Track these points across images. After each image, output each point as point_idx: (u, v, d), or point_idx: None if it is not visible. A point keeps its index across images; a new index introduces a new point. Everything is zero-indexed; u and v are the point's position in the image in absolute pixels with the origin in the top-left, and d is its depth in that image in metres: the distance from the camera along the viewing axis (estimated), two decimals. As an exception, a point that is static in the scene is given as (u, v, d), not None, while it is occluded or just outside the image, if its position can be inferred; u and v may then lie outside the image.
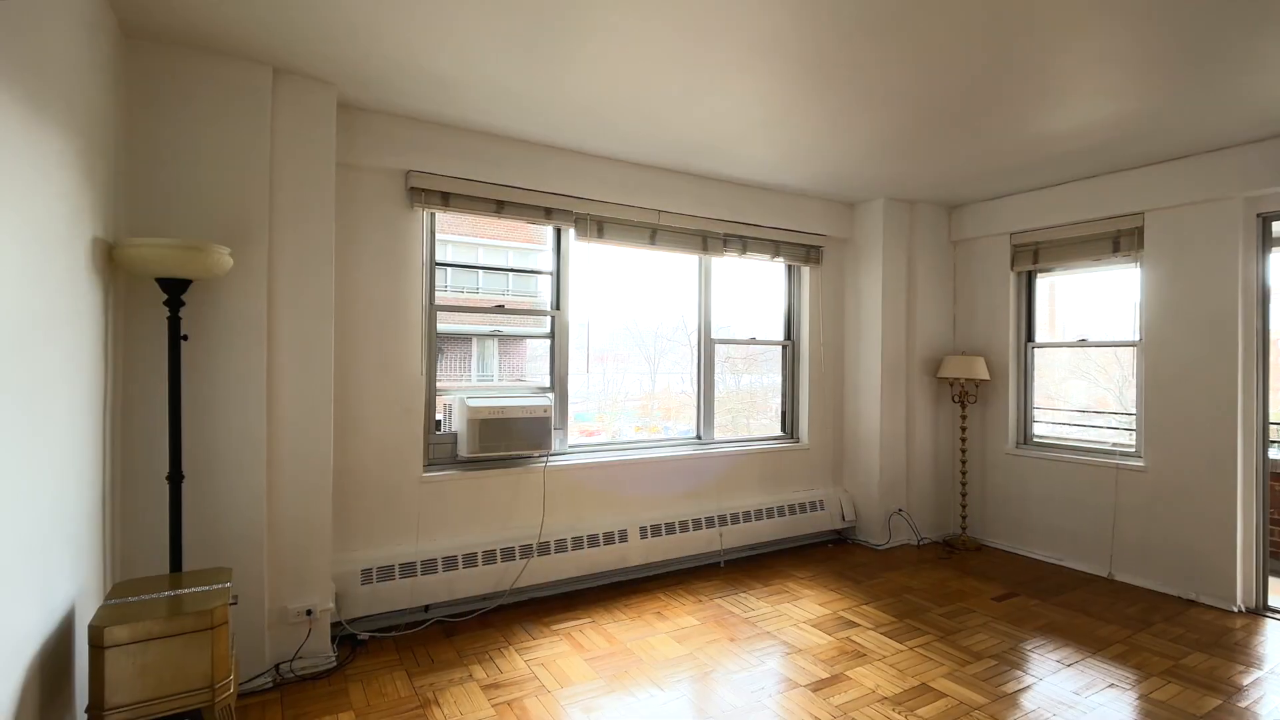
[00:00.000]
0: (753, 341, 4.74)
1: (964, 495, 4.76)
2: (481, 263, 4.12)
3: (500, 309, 3.75)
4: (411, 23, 2.31)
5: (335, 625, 2.98)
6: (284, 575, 2.72)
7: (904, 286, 4.80)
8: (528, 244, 4.11)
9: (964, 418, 4.78)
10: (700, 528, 4.09)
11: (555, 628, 3.23)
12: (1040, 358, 4.68)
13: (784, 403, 4.90)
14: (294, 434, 2.73)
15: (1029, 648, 3.08)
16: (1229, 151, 3.52)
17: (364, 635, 3.05)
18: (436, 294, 3.47)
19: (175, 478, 2.27)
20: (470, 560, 3.32)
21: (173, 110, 2.45)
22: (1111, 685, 2.73)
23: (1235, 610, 3.52)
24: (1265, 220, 3.55)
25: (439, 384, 3.53)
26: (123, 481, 2.36)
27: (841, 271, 4.97)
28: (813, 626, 3.30)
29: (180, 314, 2.28)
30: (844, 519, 4.73)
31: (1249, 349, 3.55)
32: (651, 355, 4.55)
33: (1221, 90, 2.79)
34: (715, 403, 4.51)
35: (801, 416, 4.83)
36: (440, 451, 3.45)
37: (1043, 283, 4.78)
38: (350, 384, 3.14)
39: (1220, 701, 2.60)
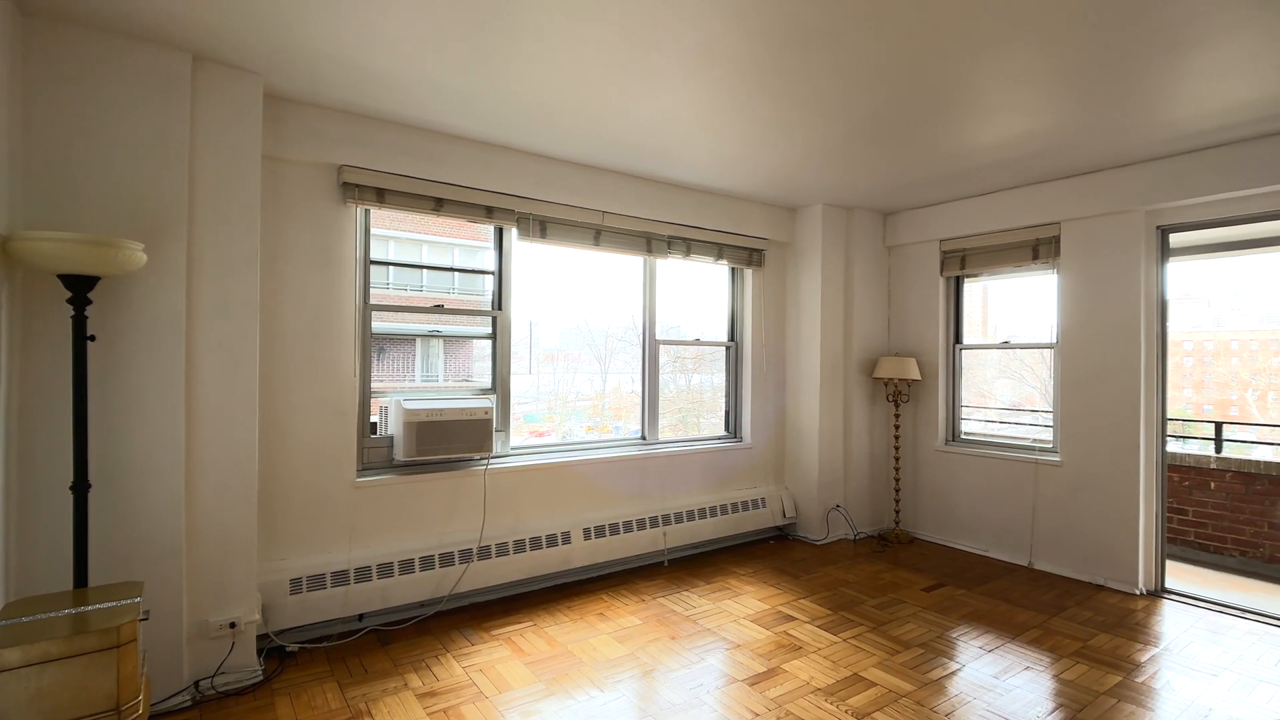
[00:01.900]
0: (697, 343, 4.80)
1: (897, 491, 4.95)
2: (426, 260, 4.02)
3: (439, 308, 3.67)
4: (337, 15, 2.23)
5: (262, 637, 2.86)
6: (205, 587, 2.59)
7: (842, 290, 4.95)
8: (474, 241, 4.03)
9: (897, 416, 4.97)
10: (644, 528, 4.12)
11: (495, 632, 3.18)
12: (971, 358, 4.91)
13: (728, 402, 4.98)
14: (215, 439, 2.60)
15: (954, 635, 3.23)
16: (1133, 168, 3.79)
17: (293, 647, 2.93)
18: (373, 292, 3.38)
19: (80, 487, 2.13)
20: (407, 566, 3.24)
21: (80, 96, 2.30)
22: (1027, 668, 2.89)
23: (1137, 593, 3.78)
24: (1164, 232, 3.83)
25: (374, 385, 3.43)
26: (19, 492, 2.20)
27: (783, 274, 5.08)
28: (752, 622, 3.36)
29: (86, 313, 2.15)
30: (785, 516, 4.84)
31: (1150, 352, 3.83)
32: (602, 355, 4.54)
33: (1126, 111, 2.99)
34: (660, 403, 4.54)
35: (744, 416, 4.91)
36: (375, 455, 3.35)
37: (976, 287, 5.02)
38: (278, 386, 3.01)
39: (1121, 678, 2.79)
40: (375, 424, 3.40)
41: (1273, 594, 3.91)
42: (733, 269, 4.95)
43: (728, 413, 4.97)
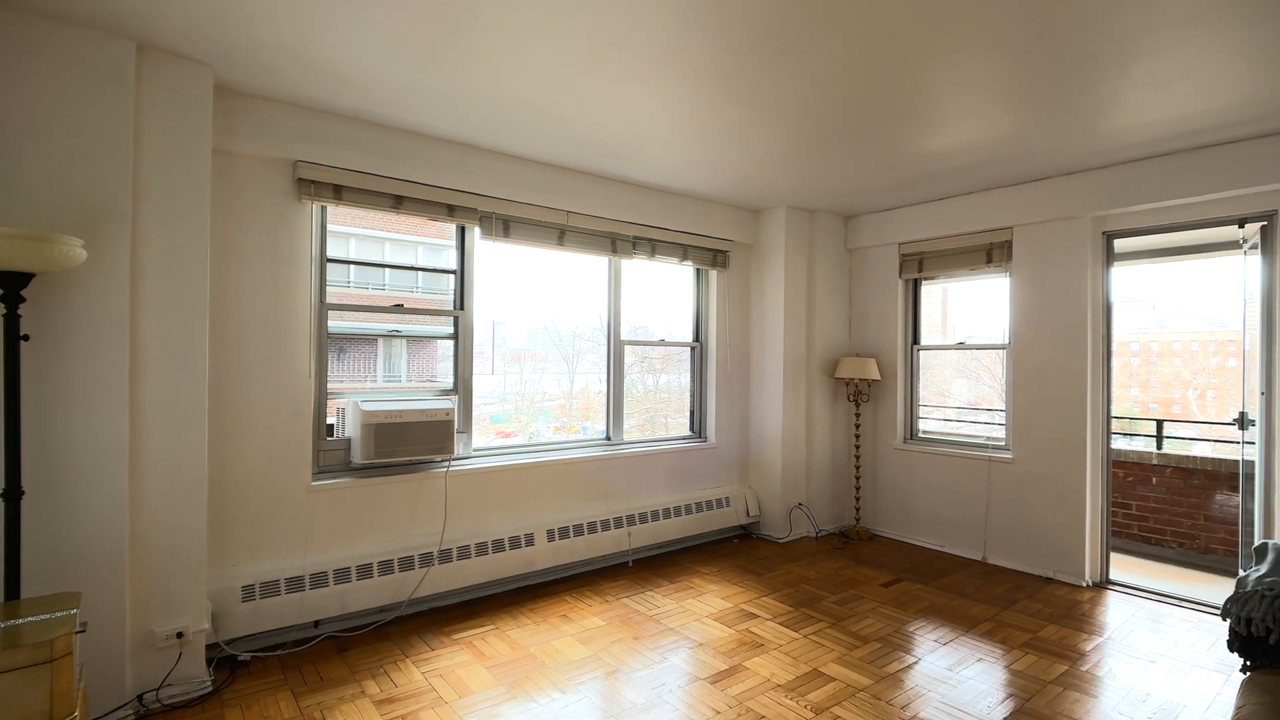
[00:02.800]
0: (662, 343, 4.82)
1: (858, 489, 5.05)
2: (389, 258, 3.95)
3: (399, 308, 3.61)
4: (287, 7, 2.17)
5: (212, 647, 2.77)
6: (150, 595, 2.50)
7: (804, 291, 5.02)
8: (439, 239, 3.95)
9: (858, 415, 5.06)
10: (609, 528, 4.11)
11: (456, 637, 3.14)
12: (930, 358, 5.03)
13: (692, 403, 5.01)
14: (162, 442, 2.51)
15: (911, 629, 3.30)
16: (1080, 175, 3.93)
17: (245, 656, 2.85)
18: (333, 291, 3.30)
19: (13, 494, 2.03)
20: (365, 571, 3.17)
21: (13, 83, 2.19)
22: (980, 659, 2.98)
23: (1084, 585, 3.93)
24: (1109, 238, 3.98)
25: (333, 386, 3.35)
26: (-52, 500, 2.09)
27: (747, 275, 5.13)
28: (715, 620, 3.39)
29: (20, 311, 2.05)
30: (748, 514, 4.89)
31: (1095, 353, 3.98)
32: (570, 355, 4.52)
33: (1073, 120, 3.10)
34: (627, 403, 4.54)
35: (709, 416, 4.95)
36: (332, 458, 3.28)
37: (936, 289, 5.15)
38: (229, 387, 2.92)
39: (1068, 667, 2.90)
40: (332, 426, 3.32)
41: (1208, 583, 4.10)
42: (698, 270, 4.98)
43: (692, 413, 5.00)
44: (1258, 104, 2.90)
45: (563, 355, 4.51)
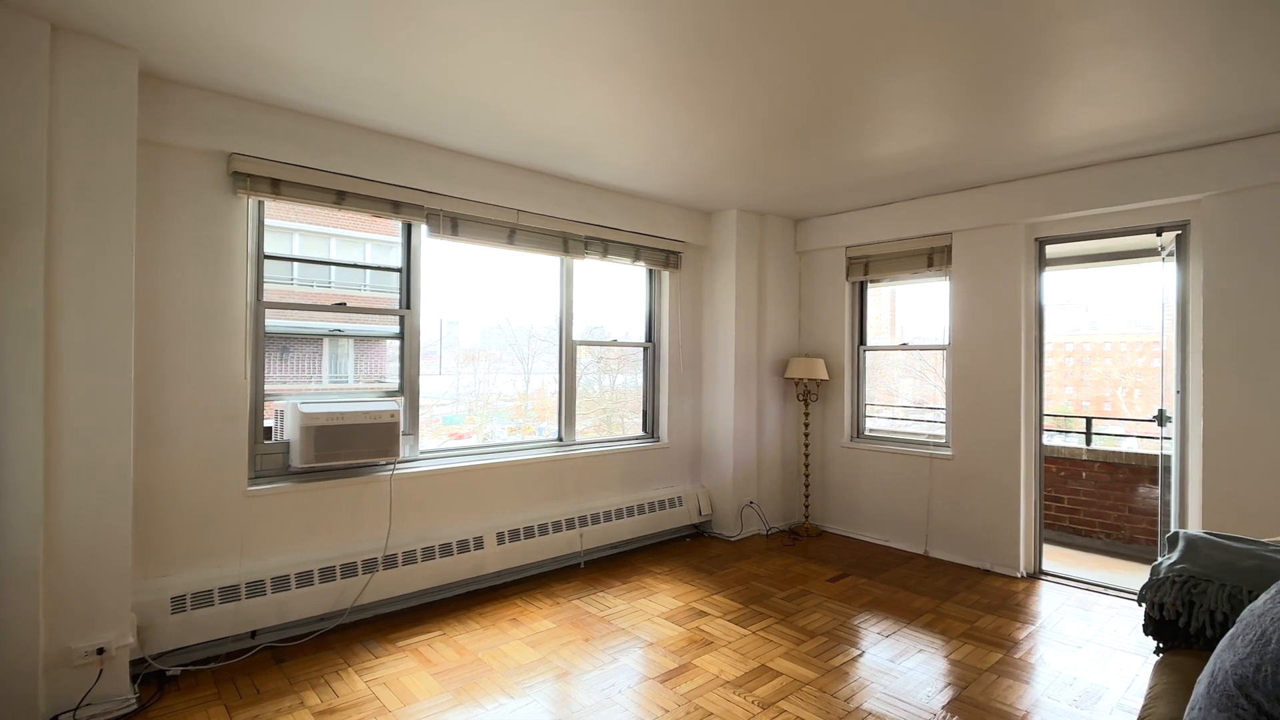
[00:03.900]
0: (614, 343, 4.81)
1: (807, 486, 5.15)
2: (335, 255, 3.82)
3: (341, 306, 3.50)
4: (226, -9, 2.09)
5: (138, 662, 2.63)
6: (67, 610, 2.36)
7: (755, 293, 5.09)
8: (387, 236, 3.86)
9: (807, 415, 5.17)
10: (561, 530, 4.08)
11: (401, 644, 3.07)
12: (878, 359, 5.17)
13: (645, 403, 5.02)
14: (82, 448, 2.37)
15: (856, 623, 3.38)
16: (1015, 183, 4.10)
17: (174, 670, 2.72)
18: (276, 289, 3.18)
19: (-90, 504, 1.89)
20: (305, 579, 3.07)
21: (-90, 63, 2.05)
22: (921, 650, 3.07)
23: (1019, 576, 4.10)
24: (1041, 244, 4.17)
25: (272, 388, 3.23)
26: None
27: (699, 276, 5.18)
28: (666, 620, 3.40)
29: (-82, 307, 1.91)
30: (701, 514, 4.93)
31: (1029, 353, 4.16)
32: (526, 355, 4.47)
33: (1007, 131, 3.24)
34: (581, 404, 4.52)
35: (662, 416, 4.97)
36: (270, 462, 3.16)
37: (885, 291, 5.29)
38: (158, 390, 2.79)
39: (1002, 655, 3.02)
40: (270, 429, 3.20)
41: (1132, 572, 4.33)
42: (650, 270, 5.00)
43: (645, 413, 5.01)
44: (1172, 120, 3.08)
45: (518, 355, 4.46)
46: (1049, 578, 4.10)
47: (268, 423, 3.21)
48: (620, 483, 4.59)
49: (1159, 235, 3.77)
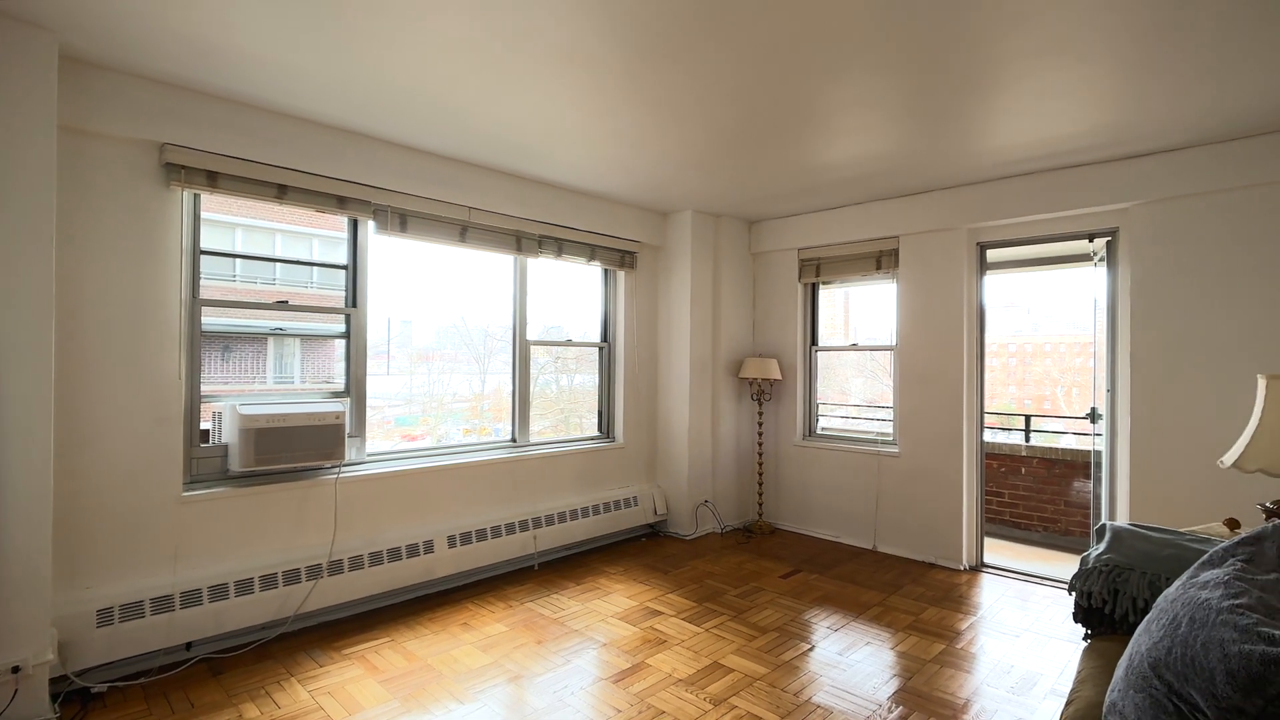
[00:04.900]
0: (569, 343, 4.79)
1: (760, 485, 5.22)
2: (279, 252, 3.69)
3: (283, 304, 3.38)
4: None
5: (60, 679, 2.49)
6: (-21, 627, 2.21)
7: (710, 293, 5.14)
8: (336, 232, 3.75)
9: (760, 414, 5.24)
10: (514, 532, 4.04)
11: (347, 651, 2.98)
12: (831, 358, 5.27)
13: (601, 403, 5.01)
14: (-5, 453, 2.23)
15: (807, 618, 3.45)
16: (957, 190, 4.25)
17: (100, 687, 2.57)
18: (216, 286, 3.05)
19: None
20: (245, 587, 2.95)
21: None
22: (868, 643, 3.15)
23: (962, 569, 4.24)
24: (982, 249, 4.33)
25: (210, 389, 3.11)
26: None
27: (654, 277, 5.19)
28: (620, 620, 3.40)
29: None
30: (656, 513, 4.95)
31: (971, 353, 4.31)
32: (481, 355, 4.39)
33: (949, 139, 3.34)
34: (537, 404, 4.48)
35: (617, 416, 4.96)
36: (207, 466, 3.03)
37: (839, 292, 5.40)
38: (83, 390, 2.64)
39: (945, 646, 3.12)
40: (207, 432, 3.07)
41: (1068, 563, 4.53)
42: (605, 270, 4.99)
43: (601, 413, 5.00)
44: (1101, 133, 3.23)
45: (474, 355, 4.38)
46: (990, 570, 4.25)
47: (205, 425, 3.08)
48: (575, 483, 4.56)
49: (1090, 241, 3.95)
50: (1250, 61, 2.48)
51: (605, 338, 5.02)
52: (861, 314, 5.49)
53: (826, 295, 5.33)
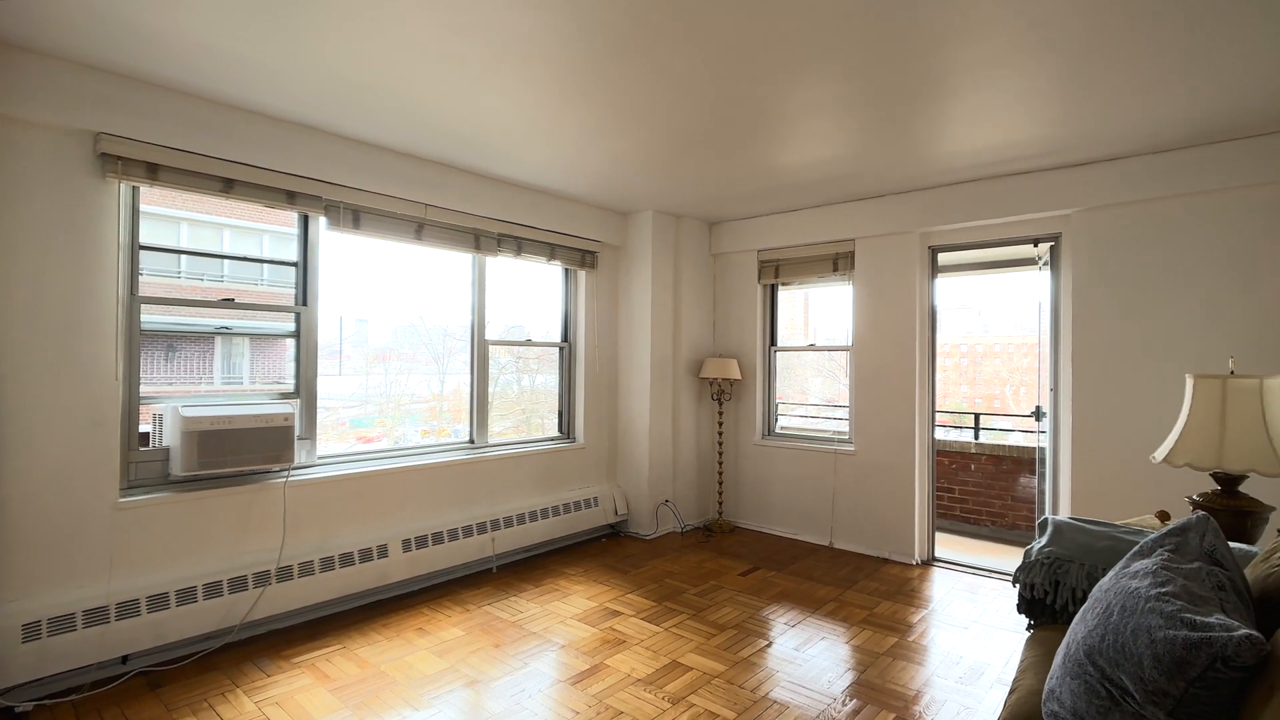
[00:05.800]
0: (528, 343, 4.74)
1: (721, 484, 5.26)
2: (228, 248, 3.55)
3: (229, 302, 3.26)
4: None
5: (-18, 699, 2.35)
6: (-110, 645, 2.07)
7: (671, 293, 5.16)
8: (287, 228, 3.64)
9: (721, 413, 5.28)
10: (471, 534, 3.98)
11: (297, 660, 2.90)
12: (789, 359, 5.35)
13: (561, 403, 4.98)
14: (-92, 458, 2.09)
15: (765, 615, 3.49)
16: (911, 195, 4.36)
17: (25, 706, 2.44)
18: (154, 283, 2.92)
19: None
20: (187, 596, 2.84)
21: None
22: (824, 638, 3.21)
23: (914, 563, 4.36)
24: (934, 252, 4.46)
25: (153, 389, 2.97)
26: None
27: (615, 277, 5.19)
28: (579, 621, 3.38)
29: None
30: (617, 514, 4.94)
31: (922, 354, 4.43)
32: (440, 354, 4.31)
33: (902, 146, 3.43)
34: (496, 405, 4.42)
35: (578, 416, 4.94)
36: (146, 471, 2.90)
37: (799, 293, 5.48)
38: (11, 393, 2.50)
39: (897, 639, 3.20)
40: (147, 434, 2.94)
41: (1015, 556, 4.69)
42: (566, 270, 4.97)
43: (561, 413, 4.97)
44: (1043, 141, 3.36)
45: (433, 355, 4.30)
46: (941, 564, 4.38)
47: (145, 428, 2.94)
48: (535, 485, 4.53)
49: (1035, 246, 4.11)
50: (1176, 78, 2.62)
51: (566, 338, 4.99)
52: (820, 315, 5.59)
53: (786, 296, 5.41)
